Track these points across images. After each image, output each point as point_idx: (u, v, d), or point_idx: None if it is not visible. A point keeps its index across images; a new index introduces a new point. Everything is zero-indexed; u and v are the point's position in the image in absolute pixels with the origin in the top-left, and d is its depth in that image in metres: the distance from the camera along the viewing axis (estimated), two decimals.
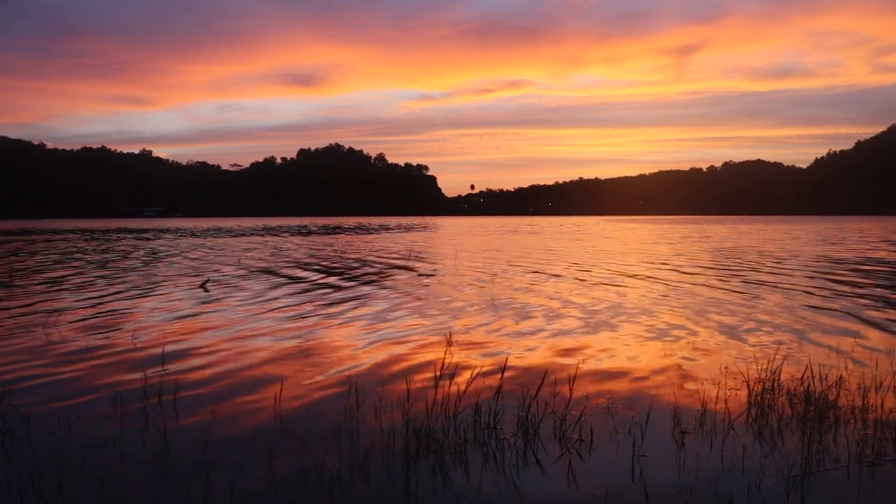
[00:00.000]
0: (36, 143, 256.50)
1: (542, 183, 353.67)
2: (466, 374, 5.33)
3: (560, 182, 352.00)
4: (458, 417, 4.25)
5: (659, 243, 28.29)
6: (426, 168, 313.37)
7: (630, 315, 8.49)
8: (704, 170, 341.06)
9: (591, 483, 3.34)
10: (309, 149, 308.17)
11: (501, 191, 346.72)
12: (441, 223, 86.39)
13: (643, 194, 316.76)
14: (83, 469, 3.52)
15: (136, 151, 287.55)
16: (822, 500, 3.13)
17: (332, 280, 13.28)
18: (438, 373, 4.98)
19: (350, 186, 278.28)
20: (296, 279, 13.47)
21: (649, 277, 13.31)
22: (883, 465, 3.51)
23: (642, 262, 17.62)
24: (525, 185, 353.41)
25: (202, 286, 11.99)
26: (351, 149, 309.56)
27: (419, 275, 14.13)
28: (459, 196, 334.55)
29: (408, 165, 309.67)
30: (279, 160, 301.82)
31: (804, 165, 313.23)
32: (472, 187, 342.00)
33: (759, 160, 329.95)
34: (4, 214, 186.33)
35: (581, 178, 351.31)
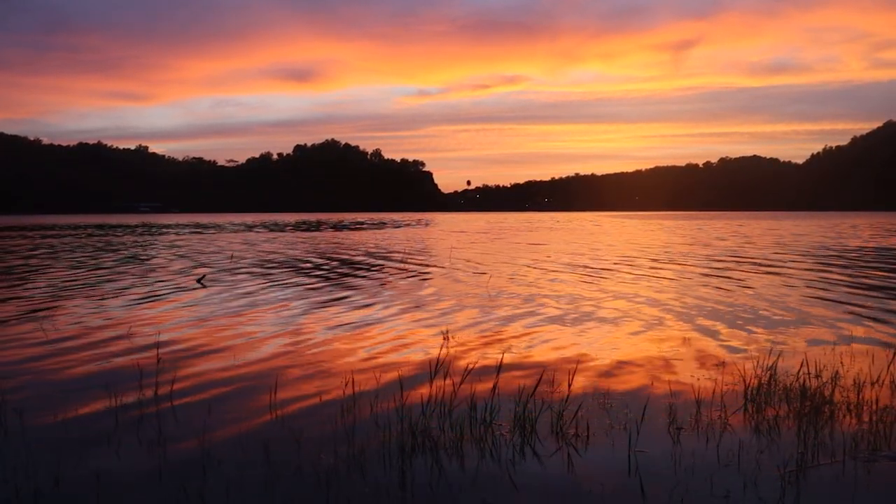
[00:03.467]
0: (32, 138, 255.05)
1: (538, 179, 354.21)
2: (463, 370, 5.33)
3: (556, 178, 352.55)
4: (454, 413, 4.25)
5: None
6: (422, 164, 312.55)
7: (636, 311, 8.50)
8: (700, 165, 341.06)
9: (587, 478, 3.34)
10: (305, 144, 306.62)
11: (497, 187, 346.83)
12: (444, 219, 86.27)
13: (639, 190, 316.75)
14: (79, 464, 3.51)
15: (133, 147, 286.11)
16: (817, 495, 3.14)
17: (335, 276, 13.27)
18: (435, 369, 4.98)
19: (346, 182, 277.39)
20: (296, 275, 13.45)
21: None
22: (878, 460, 3.52)
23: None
24: (521, 180, 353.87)
25: (199, 281, 11.98)
26: (347, 144, 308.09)
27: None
28: (455, 192, 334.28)
29: (404, 161, 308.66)
30: (275, 156, 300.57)
31: (800, 161, 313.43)
32: (469, 183, 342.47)
33: (755, 156, 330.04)
34: (6, 211, 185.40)
35: (577, 174, 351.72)
